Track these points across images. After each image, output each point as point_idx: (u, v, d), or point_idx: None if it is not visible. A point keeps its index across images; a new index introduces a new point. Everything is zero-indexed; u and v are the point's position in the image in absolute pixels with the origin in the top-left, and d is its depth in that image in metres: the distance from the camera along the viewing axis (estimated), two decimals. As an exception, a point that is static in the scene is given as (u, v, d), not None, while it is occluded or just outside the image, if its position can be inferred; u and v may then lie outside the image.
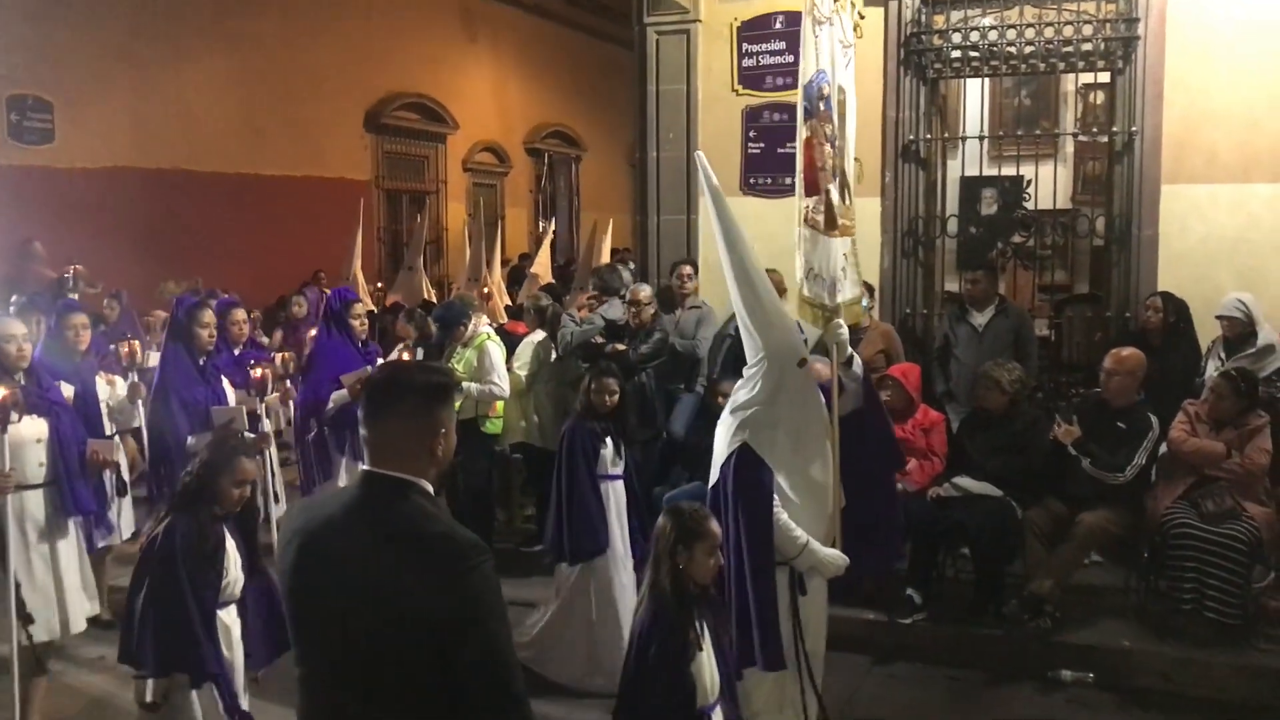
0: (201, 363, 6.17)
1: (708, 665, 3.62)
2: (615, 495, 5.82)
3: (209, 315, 6.25)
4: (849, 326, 4.86)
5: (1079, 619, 5.99)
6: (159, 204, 12.21)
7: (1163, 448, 6.12)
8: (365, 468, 2.42)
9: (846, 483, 4.61)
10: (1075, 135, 9.35)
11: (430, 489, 2.42)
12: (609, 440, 5.80)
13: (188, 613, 3.78)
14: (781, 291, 7.70)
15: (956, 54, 7.77)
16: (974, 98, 8.98)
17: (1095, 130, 8.64)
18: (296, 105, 14.09)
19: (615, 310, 7.62)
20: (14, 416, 4.79)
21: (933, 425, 6.57)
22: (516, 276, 13.54)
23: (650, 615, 3.60)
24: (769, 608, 4.20)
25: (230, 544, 3.99)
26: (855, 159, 5.31)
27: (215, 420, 5.97)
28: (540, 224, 18.69)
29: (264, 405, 6.40)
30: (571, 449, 5.71)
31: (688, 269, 7.92)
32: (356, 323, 6.87)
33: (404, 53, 15.95)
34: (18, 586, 4.81)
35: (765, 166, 8.06)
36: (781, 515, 4.24)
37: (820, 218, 4.77)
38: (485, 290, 10.59)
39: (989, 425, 6.34)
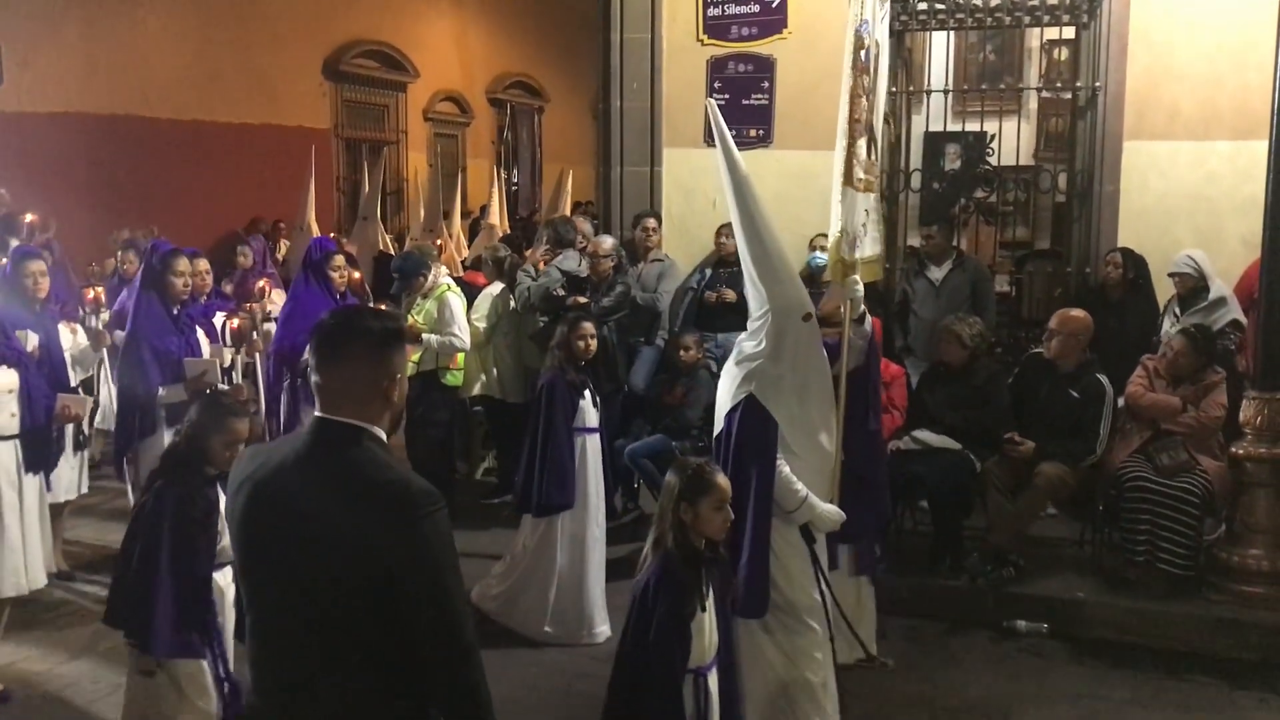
0: (175, 312, 5.98)
1: (708, 625, 3.57)
2: (592, 448, 5.75)
3: (184, 263, 6.04)
4: (865, 284, 4.89)
5: (1034, 570, 6.06)
6: (111, 151, 11.95)
7: (1120, 402, 6.19)
8: (317, 414, 2.38)
9: (846, 440, 4.61)
10: (1039, 90, 9.35)
11: (383, 435, 2.38)
12: (587, 393, 5.73)
13: (156, 588, 3.70)
14: (743, 246, 7.71)
15: (922, 6, 7.72)
16: (939, 52, 8.93)
17: (1059, 85, 8.64)
18: (254, 51, 13.80)
19: (570, 262, 7.54)
20: None
21: (893, 379, 6.58)
22: (478, 228, 13.42)
23: (655, 572, 3.52)
24: (761, 557, 4.18)
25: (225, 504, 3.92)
26: (885, 118, 5.22)
27: (188, 372, 5.81)
28: (503, 174, 18.52)
29: (238, 357, 6.26)
30: (550, 402, 5.60)
31: (652, 222, 7.87)
32: (336, 274, 6.67)
33: (364, -1, 15.67)
34: None
35: (730, 118, 7.84)
36: (784, 468, 4.22)
37: (843, 169, 4.75)
38: (439, 242, 10.44)
39: (948, 379, 6.36)
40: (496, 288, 7.90)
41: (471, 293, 7.91)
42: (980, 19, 7.76)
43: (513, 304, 7.68)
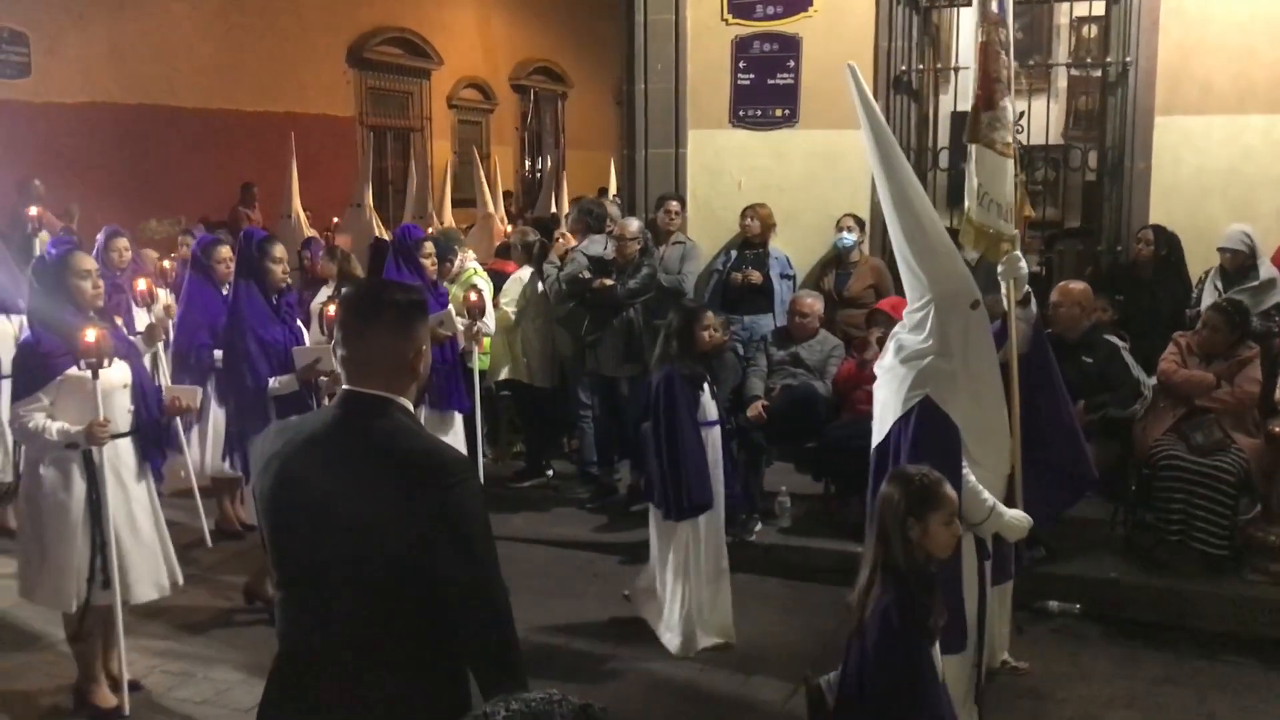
0: (275, 301, 5.72)
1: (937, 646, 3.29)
2: (714, 442, 5.38)
3: (281, 249, 5.80)
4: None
5: (1067, 550, 6.00)
6: (139, 140, 12.02)
7: (1152, 380, 6.12)
8: (344, 386, 2.39)
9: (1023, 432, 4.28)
10: (1069, 67, 9.24)
11: (410, 406, 2.40)
12: (705, 385, 5.39)
13: None
14: (769, 227, 7.67)
15: (950, -18, 7.64)
16: (967, 29, 8.82)
17: (1089, 62, 8.53)
18: (278, 39, 13.84)
19: (595, 246, 7.49)
20: (105, 361, 4.34)
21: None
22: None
23: (896, 599, 3.14)
24: (956, 584, 3.81)
25: None
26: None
27: (298, 361, 5.55)
28: (527, 162, 18.51)
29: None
30: (672, 399, 5.20)
31: (675, 205, 7.82)
32: (428, 262, 6.41)
33: (387, -15, 15.67)
34: (103, 545, 4.46)
35: (755, 98, 7.94)
36: (969, 477, 3.86)
37: (994, 135, 4.39)
38: (431, 230, 10.28)
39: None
40: (525, 272, 7.87)
41: (500, 280, 7.89)
42: (1008, -5, 7.66)
43: (541, 288, 7.64)
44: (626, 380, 7.28)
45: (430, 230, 10.03)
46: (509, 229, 11.11)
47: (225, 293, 6.33)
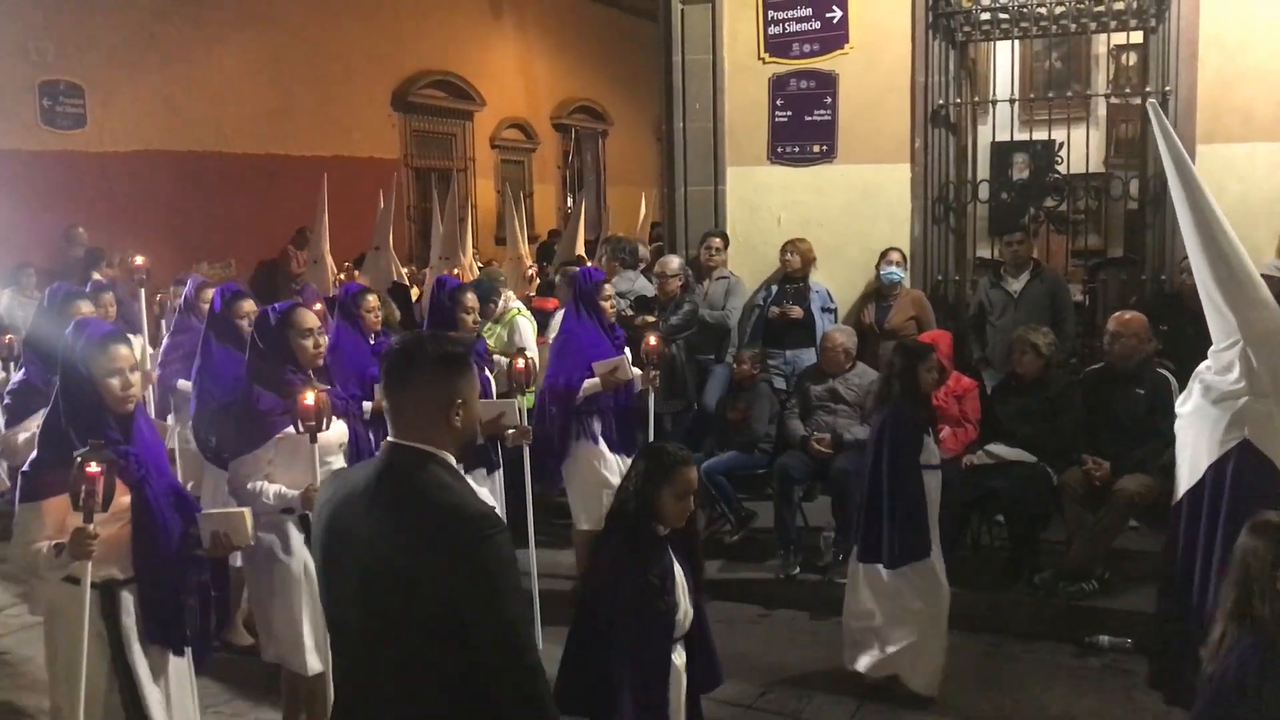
0: (372, 341, 5.92)
1: None
2: (935, 486, 5.23)
3: (473, 298, 6.05)
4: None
5: (1117, 584, 5.95)
6: (190, 186, 12.28)
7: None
8: (388, 438, 2.44)
9: None
10: (1107, 97, 9.20)
11: (450, 460, 2.42)
12: (930, 429, 5.28)
13: (620, 668, 3.27)
14: (809, 261, 7.70)
15: (985, 16, 7.67)
16: (1004, 61, 8.85)
17: (1128, 91, 8.50)
18: (324, 85, 14.11)
19: (624, 283, 7.53)
20: (324, 424, 4.14)
21: (965, 392, 6.52)
22: (546, 253, 13.52)
23: (1249, 645, 3.08)
24: None
25: (677, 569, 3.45)
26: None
27: (484, 414, 5.54)
28: (569, 199, 18.66)
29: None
30: (895, 442, 5.10)
31: (718, 241, 7.89)
32: (607, 304, 6.40)
33: (430, 30, 15.93)
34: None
35: (793, 135, 8.00)
36: None
37: None
38: (455, 271, 10.35)
39: (1021, 392, 6.29)
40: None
41: (542, 318, 7.97)
42: (1045, 27, 7.68)
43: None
44: (670, 416, 7.32)
45: (455, 271, 10.14)
46: (534, 269, 11.28)
47: (373, 342, 6.42)
